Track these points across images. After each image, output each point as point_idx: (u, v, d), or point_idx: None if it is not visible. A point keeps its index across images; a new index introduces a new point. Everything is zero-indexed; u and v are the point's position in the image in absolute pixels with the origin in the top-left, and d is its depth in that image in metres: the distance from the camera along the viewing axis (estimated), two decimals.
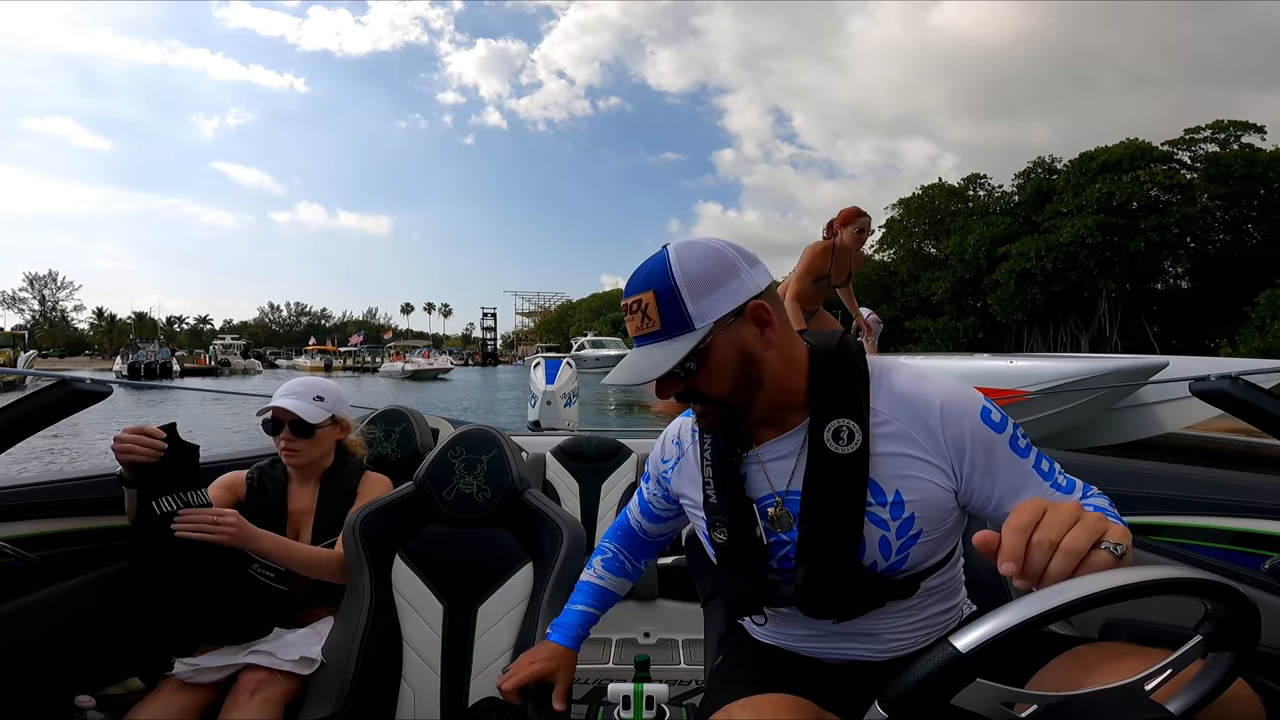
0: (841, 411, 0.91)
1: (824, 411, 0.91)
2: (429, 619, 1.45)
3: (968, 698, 0.60)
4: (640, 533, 1.26)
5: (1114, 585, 0.58)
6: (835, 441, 0.90)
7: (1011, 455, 0.90)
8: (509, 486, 1.51)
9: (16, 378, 17.94)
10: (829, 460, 0.90)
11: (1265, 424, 1.38)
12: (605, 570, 1.25)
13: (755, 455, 0.98)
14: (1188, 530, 1.28)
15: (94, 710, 1.35)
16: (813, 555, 0.92)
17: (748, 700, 0.90)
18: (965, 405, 0.90)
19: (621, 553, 1.27)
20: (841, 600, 0.94)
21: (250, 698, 1.32)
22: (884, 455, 0.90)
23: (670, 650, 2.42)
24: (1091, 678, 0.74)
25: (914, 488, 0.90)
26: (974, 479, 0.90)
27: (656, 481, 1.18)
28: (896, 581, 0.94)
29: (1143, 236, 20.64)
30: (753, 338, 0.89)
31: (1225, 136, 22.25)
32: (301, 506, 1.69)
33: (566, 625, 1.20)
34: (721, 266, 0.87)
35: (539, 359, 5.02)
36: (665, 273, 0.87)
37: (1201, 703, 0.64)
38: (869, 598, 0.94)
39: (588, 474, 2.97)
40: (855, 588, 0.93)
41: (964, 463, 0.90)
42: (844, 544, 0.90)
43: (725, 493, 0.99)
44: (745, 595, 1.00)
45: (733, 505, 0.98)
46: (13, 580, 1.37)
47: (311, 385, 1.71)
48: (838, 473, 0.90)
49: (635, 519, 1.26)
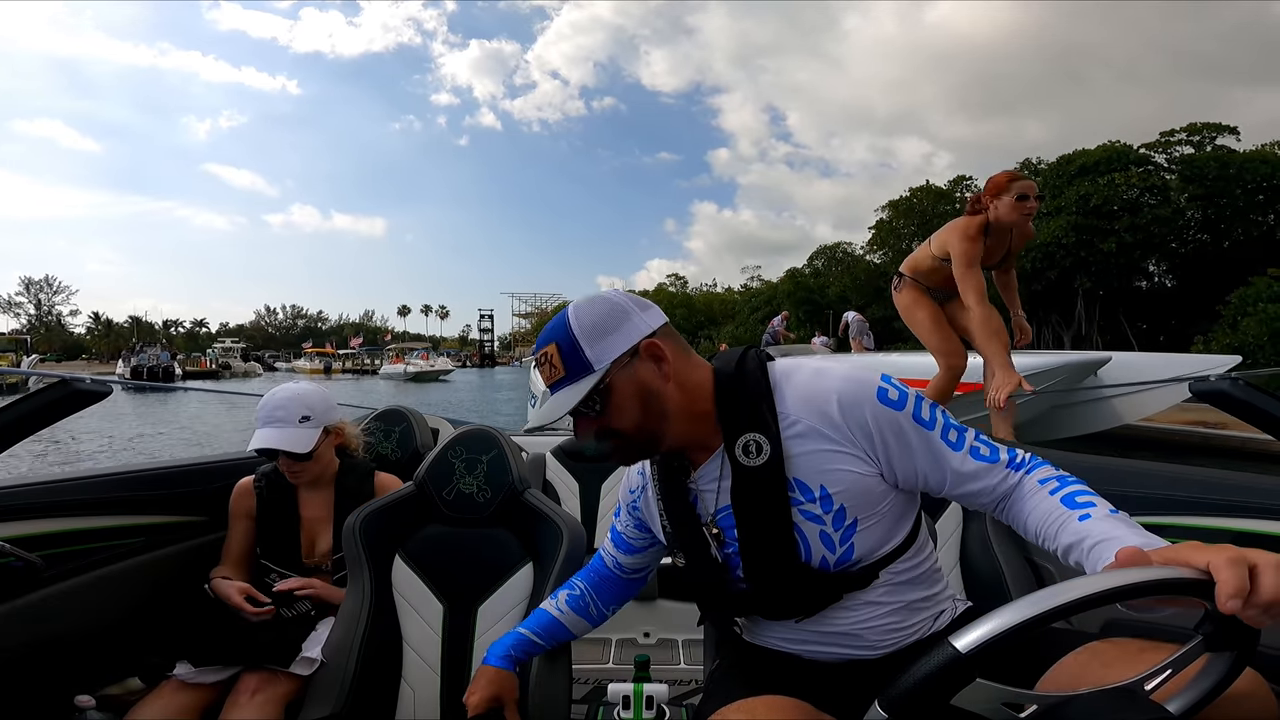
0: (748, 426, 0.95)
1: (733, 429, 0.96)
2: (429, 619, 1.45)
3: (968, 698, 0.60)
4: (616, 569, 1.24)
5: (1114, 585, 0.58)
6: (746, 455, 0.95)
7: (918, 429, 0.93)
8: (509, 486, 1.51)
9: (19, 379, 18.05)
10: (744, 474, 0.95)
11: (1264, 424, 1.38)
12: (566, 606, 1.23)
13: (694, 480, 1.03)
14: (1188, 530, 1.27)
15: (94, 710, 1.35)
16: (756, 563, 0.98)
17: (742, 703, 0.90)
18: (860, 391, 0.94)
19: (589, 593, 1.24)
20: (795, 600, 0.98)
21: (250, 698, 1.32)
22: (800, 455, 0.94)
23: (670, 650, 2.41)
24: (1091, 677, 0.74)
25: (836, 479, 0.94)
26: (892, 459, 0.94)
27: (628, 511, 1.19)
28: (851, 574, 0.97)
29: (1115, 237, 21.21)
30: (650, 373, 0.95)
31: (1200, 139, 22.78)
32: (316, 514, 1.69)
33: (501, 645, 1.19)
34: (613, 314, 0.96)
35: None
36: (565, 326, 0.95)
37: (1201, 703, 0.64)
38: (823, 593, 0.97)
39: (588, 474, 2.97)
40: (805, 586, 0.97)
41: (875, 446, 0.94)
42: (780, 547, 0.95)
43: (677, 520, 1.05)
44: (714, 611, 1.08)
45: (684, 530, 1.04)
46: (13, 580, 1.37)
47: (295, 400, 1.63)
48: (755, 484, 0.95)
49: (610, 555, 1.25)
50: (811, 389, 0.96)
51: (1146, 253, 21.90)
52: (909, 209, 35.48)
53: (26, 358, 35.79)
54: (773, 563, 0.97)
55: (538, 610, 1.25)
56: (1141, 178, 21.86)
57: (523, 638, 1.20)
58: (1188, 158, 22.39)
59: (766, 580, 0.98)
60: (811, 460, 0.94)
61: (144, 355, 40.21)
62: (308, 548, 1.67)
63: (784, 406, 0.95)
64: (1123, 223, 21.19)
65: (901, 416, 0.93)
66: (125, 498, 1.67)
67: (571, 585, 1.26)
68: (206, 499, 1.85)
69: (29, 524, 1.43)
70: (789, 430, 0.94)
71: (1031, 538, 0.91)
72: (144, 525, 1.69)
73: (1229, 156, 21.81)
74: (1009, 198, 2.83)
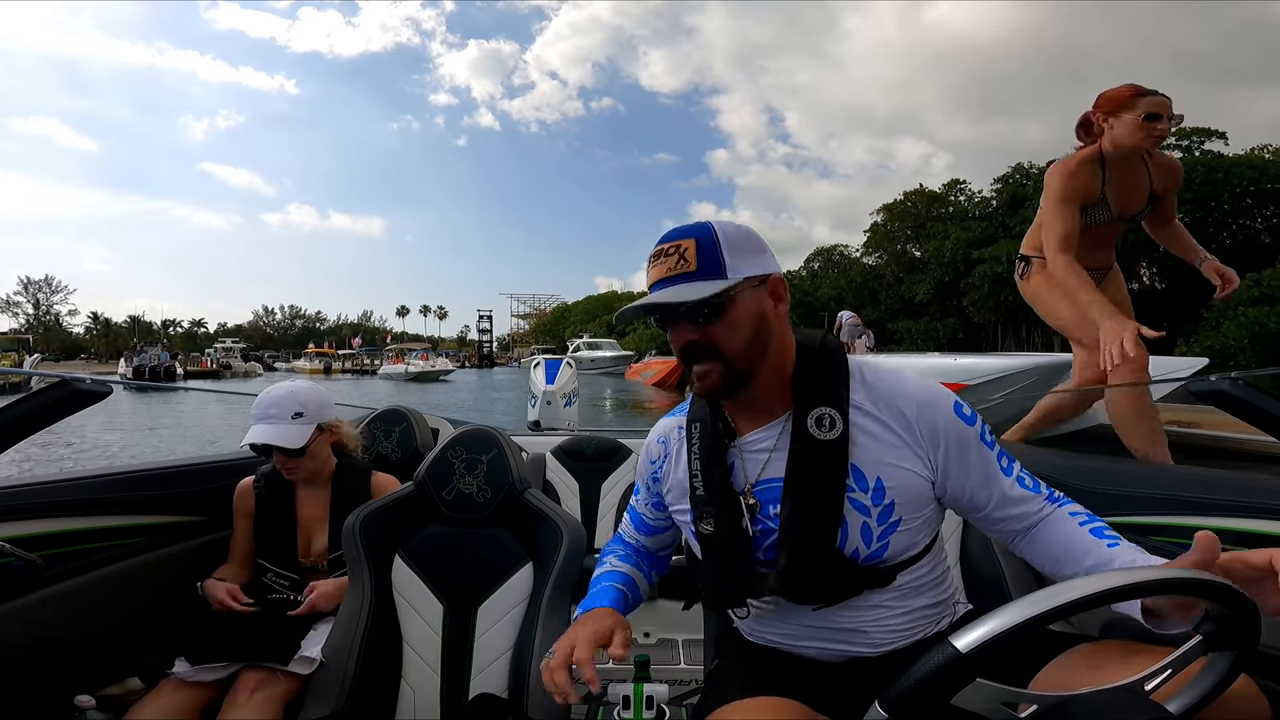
0: (823, 400, 0.96)
1: (807, 400, 0.97)
2: (429, 619, 1.45)
3: (968, 697, 0.60)
4: (643, 550, 1.23)
5: (1114, 585, 0.58)
6: (818, 428, 0.94)
7: (982, 448, 0.97)
8: (509, 486, 1.51)
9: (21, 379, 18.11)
10: (812, 446, 0.94)
11: (1264, 424, 1.38)
12: (622, 562, 1.18)
13: (738, 446, 1.02)
14: (1188, 530, 1.27)
15: (94, 710, 1.35)
16: (795, 539, 0.95)
17: (741, 703, 0.90)
18: (937, 398, 0.97)
19: (633, 553, 1.21)
20: (822, 585, 0.96)
21: (250, 697, 1.32)
22: (865, 443, 0.95)
23: (670, 650, 2.41)
24: (1091, 678, 0.74)
25: (894, 475, 0.94)
26: (950, 469, 0.96)
27: (646, 487, 1.18)
28: (876, 571, 0.96)
29: None
30: (769, 307, 0.95)
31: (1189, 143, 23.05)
32: (312, 513, 1.69)
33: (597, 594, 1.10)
34: (754, 241, 0.95)
35: (539, 359, 5.02)
36: (708, 229, 0.93)
37: (1201, 703, 0.64)
38: (848, 585, 0.97)
39: (588, 474, 2.97)
40: (835, 573, 0.95)
41: (939, 453, 0.95)
42: (824, 527, 0.94)
43: (712, 484, 1.01)
44: (729, 586, 1.01)
45: (719, 496, 1.00)
46: (13, 580, 1.36)
47: (288, 398, 1.64)
48: (820, 458, 0.94)
49: (632, 538, 1.23)
50: (889, 384, 0.98)
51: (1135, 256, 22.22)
52: (903, 212, 35.81)
53: (28, 357, 35.89)
54: (812, 542, 0.94)
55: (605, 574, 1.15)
56: None
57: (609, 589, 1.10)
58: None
59: (800, 560, 0.95)
60: (874, 451, 0.95)
61: (145, 355, 40.19)
62: (304, 547, 1.68)
63: (857, 395, 0.97)
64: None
65: (970, 432, 0.96)
66: (125, 498, 1.67)
67: (614, 550, 1.21)
68: (206, 499, 1.85)
69: (29, 524, 1.43)
70: (859, 418, 0.96)
71: (1051, 562, 0.94)
72: (144, 525, 1.69)
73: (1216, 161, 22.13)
74: (1131, 116, 2.03)
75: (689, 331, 0.93)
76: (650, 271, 0.96)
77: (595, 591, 1.11)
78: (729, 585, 1.01)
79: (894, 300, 35.30)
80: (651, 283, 0.95)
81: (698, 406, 1.08)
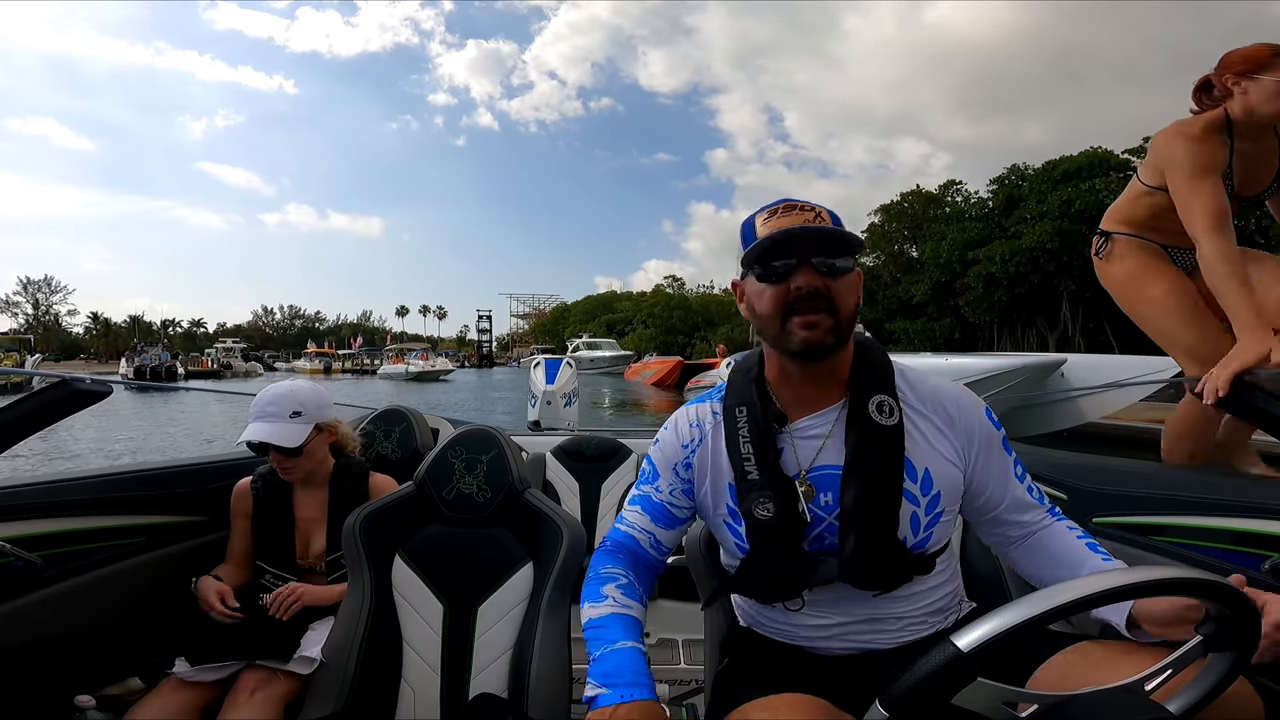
0: (880, 389, 1.00)
1: (865, 388, 1.00)
2: (429, 619, 1.45)
3: (969, 697, 0.60)
4: (651, 549, 1.12)
5: (1114, 585, 0.58)
6: (879, 413, 0.98)
7: (1004, 453, 1.03)
8: (509, 486, 1.51)
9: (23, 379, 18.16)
10: (873, 431, 0.97)
11: (1265, 424, 1.38)
12: (627, 598, 1.01)
13: (789, 431, 1.02)
14: (1188, 530, 1.27)
15: (94, 710, 1.35)
16: (858, 525, 0.95)
17: (763, 701, 0.89)
18: (974, 401, 1.04)
19: (633, 579, 1.06)
20: (883, 571, 0.97)
21: (250, 697, 1.32)
22: (915, 435, 0.99)
23: (670, 650, 2.41)
24: (1092, 677, 0.74)
25: (940, 467, 0.98)
26: (977, 468, 1.01)
27: (673, 472, 1.10)
28: (922, 559, 0.99)
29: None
30: (861, 289, 1.01)
31: None
32: (310, 514, 1.69)
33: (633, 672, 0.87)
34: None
35: (539, 360, 5.02)
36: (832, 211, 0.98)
37: (1201, 703, 0.64)
38: (903, 571, 0.99)
39: (588, 474, 2.97)
40: (895, 560, 0.97)
41: (972, 451, 1.01)
42: (886, 513, 0.96)
43: (767, 468, 1.00)
44: (789, 574, 0.99)
45: (775, 480, 0.99)
46: (13, 580, 1.36)
47: (286, 397, 1.63)
48: (880, 444, 0.96)
49: (645, 532, 1.11)
50: (931, 383, 1.04)
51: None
52: (900, 213, 35.91)
53: (30, 357, 35.96)
54: (874, 528, 0.95)
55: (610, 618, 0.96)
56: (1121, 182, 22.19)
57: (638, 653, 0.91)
58: None
59: (864, 546, 0.95)
60: (923, 444, 0.99)
61: (146, 355, 40.38)
62: (301, 548, 1.67)
63: (903, 389, 1.02)
64: None
65: (998, 436, 1.03)
66: (125, 498, 1.67)
67: (614, 577, 1.04)
68: (206, 499, 1.85)
69: (29, 524, 1.43)
70: (908, 410, 1.00)
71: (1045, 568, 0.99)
72: (144, 525, 1.69)
73: None
74: (1272, 78, 1.69)
75: (815, 278, 0.93)
76: (776, 219, 0.96)
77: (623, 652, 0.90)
78: (789, 573, 0.98)
79: (891, 301, 35.42)
80: (769, 231, 0.95)
81: (739, 391, 1.07)
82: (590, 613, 0.98)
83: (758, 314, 0.99)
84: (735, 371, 1.12)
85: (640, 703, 0.82)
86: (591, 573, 1.07)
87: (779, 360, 1.04)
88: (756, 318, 1.00)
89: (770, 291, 0.96)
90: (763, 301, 0.97)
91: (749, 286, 1.01)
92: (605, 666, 0.87)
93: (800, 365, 1.00)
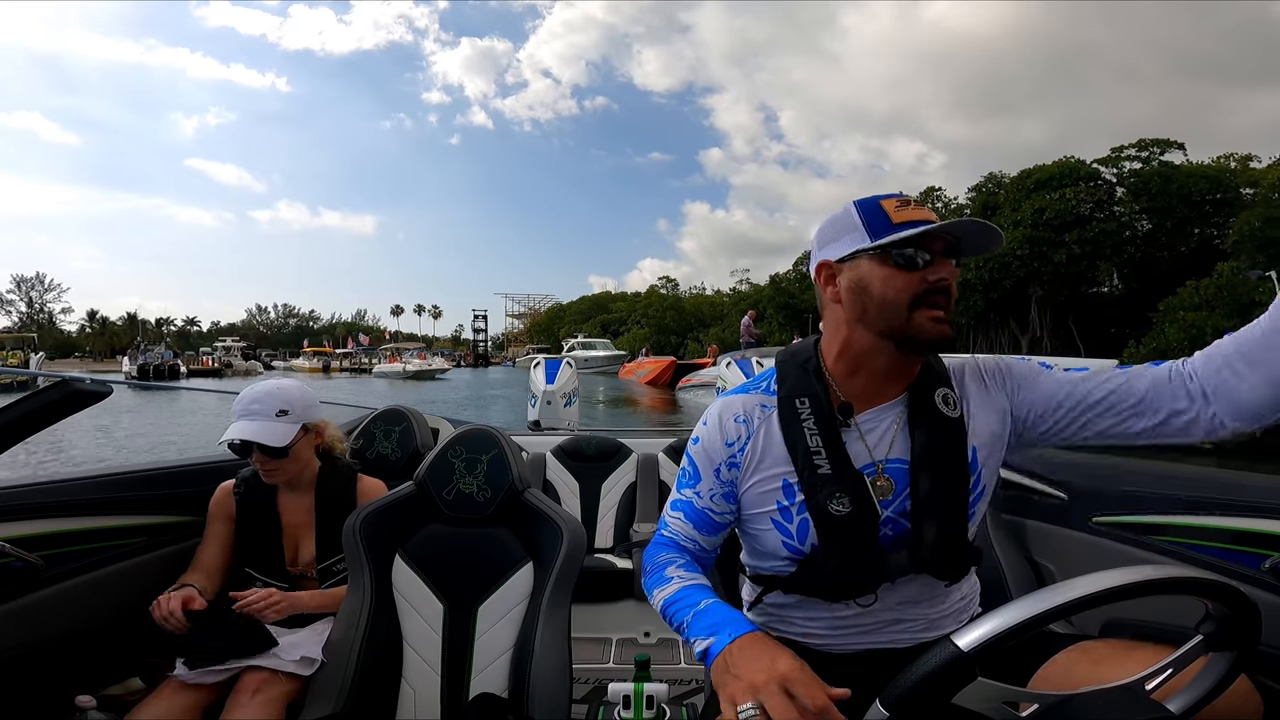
0: (943, 382, 1.01)
1: (929, 381, 1.01)
2: (429, 619, 1.45)
3: (969, 696, 0.61)
4: (696, 550, 1.09)
5: (1114, 585, 0.59)
6: (945, 405, 0.99)
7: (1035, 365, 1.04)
8: (509, 486, 1.51)
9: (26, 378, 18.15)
10: (940, 423, 0.97)
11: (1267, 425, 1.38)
12: (691, 573, 1.02)
13: (855, 424, 1.00)
14: (1188, 530, 1.28)
15: (94, 710, 1.35)
16: (933, 516, 0.96)
17: None
18: (985, 359, 1.06)
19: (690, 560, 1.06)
20: (956, 560, 0.99)
21: (252, 698, 1.32)
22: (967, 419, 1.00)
23: (670, 650, 2.42)
24: (1092, 677, 0.74)
25: (984, 439, 0.99)
26: (1020, 389, 1.00)
27: (714, 475, 1.04)
28: (975, 547, 1.02)
29: (1065, 249, 22.76)
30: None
31: (1148, 155, 24.11)
32: (297, 519, 1.65)
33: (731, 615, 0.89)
34: None
35: (539, 359, 5.03)
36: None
37: (1202, 702, 0.65)
38: (968, 558, 1.01)
39: (588, 474, 2.98)
40: (964, 547, 0.99)
41: (1007, 384, 1.01)
42: (958, 503, 0.97)
43: (839, 461, 0.97)
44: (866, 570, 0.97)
45: (848, 474, 0.97)
46: (13, 580, 1.36)
47: (273, 395, 1.57)
48: (948, 435, 0.97)
49: (690, 539, 1.08)
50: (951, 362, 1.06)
51: (1094, 263, 23.29)
52: None
53: (34, 355, 36.10)
54: (946, 519, 0.96)
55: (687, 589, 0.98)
56: (1090, 192, 23.31)
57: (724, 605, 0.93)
58: (1136, 172, 23.92)
59: (936, 536, 0.96)
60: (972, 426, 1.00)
61: (150, 354, 40.93)
62: (291, 555, 1.63)
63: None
64: (1072, 235, 22.74)
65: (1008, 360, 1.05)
66: (125, 498, 1.67)
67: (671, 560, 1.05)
68: (206, 499, 1.84)
69: (29, 524, 1.43)
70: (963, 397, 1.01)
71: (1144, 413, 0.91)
72: (144, 525, 1.69)
73: (1172, 172, 23.16)
74: None
75: (951, 272, 0.94)
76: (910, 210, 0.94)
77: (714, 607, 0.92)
78: (865, 568, 0.97)
79: None
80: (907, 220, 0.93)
81: (795, 382, 1.03)
82: (661, 595, 1.00)
83: (877, 298, 0.94)
84: (787, 363, 1.08)
85: (749, 634, 0.84)
86: (648, 564, 1.08)
87: (865, 349, 0.98)
88: (872, 303, 0.94)
89: (903, 279, 0.93)
90: (891, 288, 0.93)
91: (865, 270, 0.95)
92: (703, 622, 0.90)
93: (901, 358, 0.98)
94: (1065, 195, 23.12)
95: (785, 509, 1.00)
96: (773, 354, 6.83)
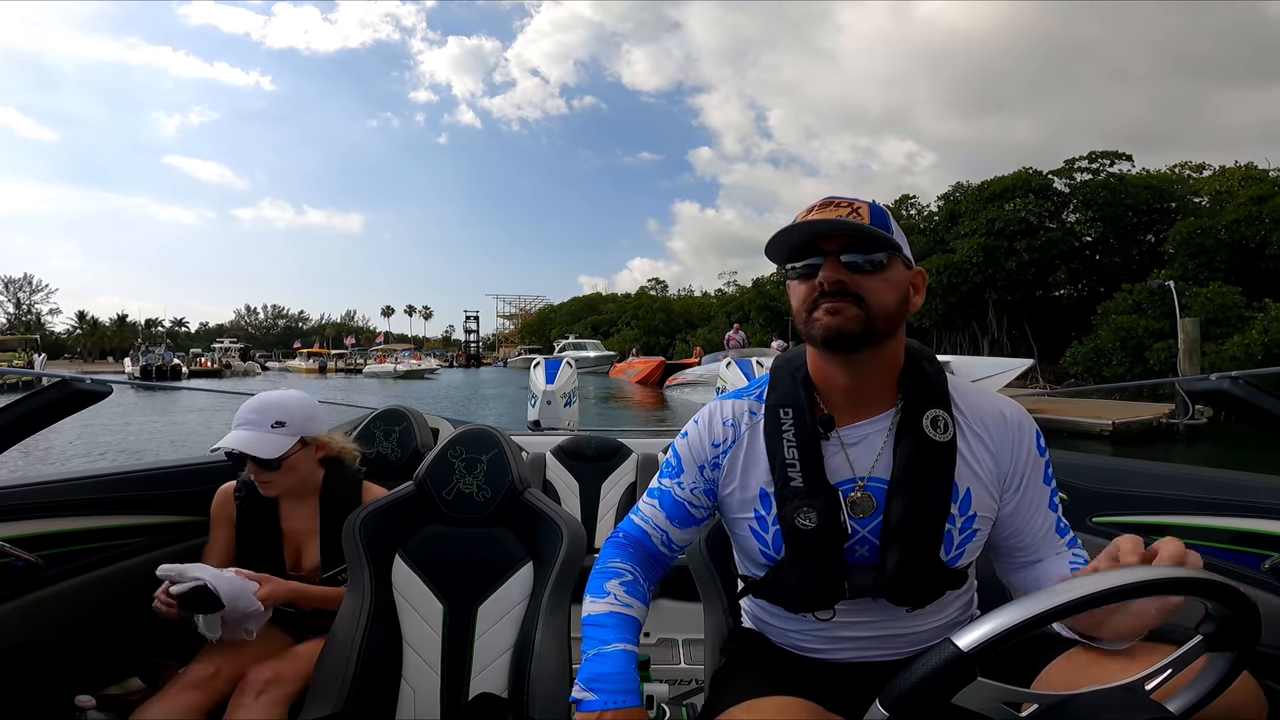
0: (935, 402, 0.97)
1: (920, 398, 0.97)
2: (429, 619, 1.45)
3: (969, 697, 0.61)
4: (663, 546, 1.10)
5: (1114, 585, 0.59)
6: (933, 428, 0.95)
7: (1042, 485, 0.99)
8: (509, 486, 1.51)
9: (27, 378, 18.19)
10: (926, 446, 0.94)
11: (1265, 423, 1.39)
12: (630, 596, 1.02)
13: (837, 437, 0.98)
14: (1188, 530, 1.28)
15: (94, 710, 1.35)
16: (902, 541, 0.93)
17: (750, 703, 0.89)
18: (1025, 426, 0.99)
19: (639, 575, 1.06)
20: (919, 588, 0.96)
21: (255, 698, 1.32)
22: (963, 452, 0.96)
23: (670, 650, 2.42)
24: (1093, 677, 0.74)
25: (979, 489, 0.95)
26: (1013, 502, 0.98)
27: (698, 471, 1.06)
28: (955, 573, 0.97)
29: (1016, 256, 23.87)
30: (910, 292, 0.97)
31: (1098, 166, 25.20)
32: (300, 526, 1.63)
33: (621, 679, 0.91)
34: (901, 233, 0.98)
35: (539, 359, 5.03)
36: (876, 205, 0.94)
37: (1202, 702, 0.65)
38: (938, 587, 0.97)
39: (588, 474, 2.97)
40: (932, 577, 0.95)
41: (1015, 474, 0.97)
42: (931, 532, 0.93)
43: (812, 475, 0.96)
44: (827, 585, 0.97)
45: (820, 489, 0.96)
46: (13, 580, 1.36)
47: (272, 405, 1.55)
48: (931, 459, 0.94)
49: (658, 529, 1.09)
50: (979, 399, 1.00)
51: (1043, 270, 24.37)
52: None
53: (37, 356, 36.44)
54: (918, 546, 0.93)
55: (606, 616, 0.99)
56: (1038, 203, 24.27)
57: (629, 656, 0.95)
58: (1084, 183, 24.90)
59: (904, 563, 0.93)
60: (969, 464, 0.96)
61: (151, 355, 42.46)
62: (292, 560, 1.62)
63: (955, 402, 0.99)
64: (1022, 244, 23.68)
65: (1041, 464, 0.99)
66: (125, 498, 1.67)
67: (619, 572, 1.04)
68: (206, 499, 1.84)
69: (29, 524, 1.43)
70: (960, 426, 0.97)
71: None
72: (144, 525, 1.69)
73: (1118, 183, 24.19)
74: None
75: (839, 272, 0.90)
76: (809, 217, 0.93)
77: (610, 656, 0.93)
78: (824, 584, 0.96)
79: None
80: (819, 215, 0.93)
81: (783, 391, 1.03)
82: (591, 608, 1.00)
83: (794, 311, 0.97)
84: (781, 369, 1.07)
85: (623, 710, 0.86)
86: (599, 565, 1.07)
87: (815, 357, 1.00)
88: (794, 315, 0.97)
89: (801, 287, 0.94)
90: (795, 297, 0.95)
91: (789, 286, 0.99)
92: (593, 669, 0.91)
93: (835, 360, 0.96)
94: (1016, 206, 24.37)
95: (762, 518, 1.01)
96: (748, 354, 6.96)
